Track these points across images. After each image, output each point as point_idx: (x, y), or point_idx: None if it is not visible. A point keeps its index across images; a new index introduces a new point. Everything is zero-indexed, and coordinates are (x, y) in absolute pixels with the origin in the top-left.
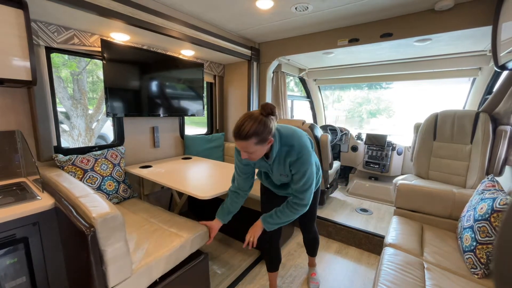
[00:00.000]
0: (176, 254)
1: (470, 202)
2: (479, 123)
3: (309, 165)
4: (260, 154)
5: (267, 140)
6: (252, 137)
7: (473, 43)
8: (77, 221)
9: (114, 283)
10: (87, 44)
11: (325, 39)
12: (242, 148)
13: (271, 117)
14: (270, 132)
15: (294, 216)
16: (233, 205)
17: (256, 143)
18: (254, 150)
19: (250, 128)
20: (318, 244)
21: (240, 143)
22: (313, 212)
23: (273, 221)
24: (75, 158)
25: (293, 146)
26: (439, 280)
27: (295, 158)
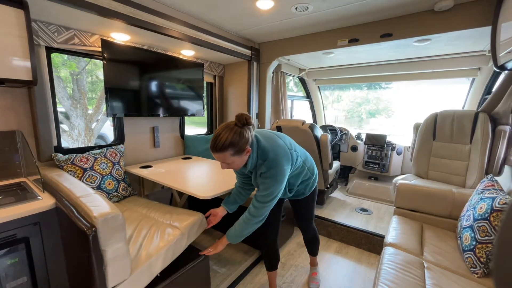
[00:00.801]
0: (174, 246)
1: (470, 201)
2: (478, 123)
3: (275, 182)
4: (239, 164)
5: (244, 151)
6: (228, 149)
7: (472, 43)
8: (78, 221)
9: (114, 283)
10: (87, 44)
11: (325, 39)
12: (220, 160)
13: (247, 127)
14: (247, 142)
15: (247, 225)
16: (239, 196)
17: (232, 154)
18: (232, 161)
19: (225, 140)
20: (319, 243)
21: (217, 155)
22: (309, 212)
23: (233, 234)
24: (74, 157)
25: (266, 160)
26: (439, 280)
27: (264, 171)
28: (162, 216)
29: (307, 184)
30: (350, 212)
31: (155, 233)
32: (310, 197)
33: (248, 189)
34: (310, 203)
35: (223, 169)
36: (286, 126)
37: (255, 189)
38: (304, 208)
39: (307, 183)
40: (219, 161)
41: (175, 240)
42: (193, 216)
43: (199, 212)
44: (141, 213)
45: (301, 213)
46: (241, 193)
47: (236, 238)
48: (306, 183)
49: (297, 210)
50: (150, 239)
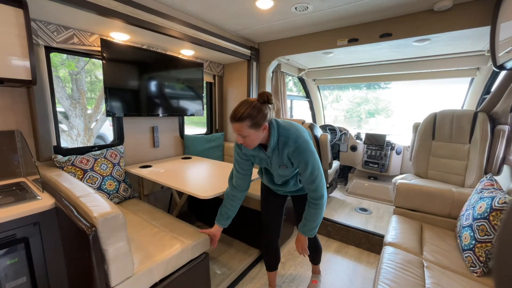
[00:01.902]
0: (177, 258)
1: (469, 201)
2: (477, 122)
3: (310, 153)
4: (254, 140)
5: (261, 126)
6: (246, 120)
7: (471, 43)
8: (78, 221)
9: (116, 282)
10: (86, 44)
11: (325, 39)
12: (237, 131)
13: (267, 105)
14: (265, 118)
15: (320, 211)
16: (231, 209)
17: (249, 126)
18: (248, 133)
19: (244, 111)
20: (321, 252)
21: (235, 125)
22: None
23: (308, 227)
24: (74, 158)
25: (289, 137)
26: (438, 279)
27: (293, 148)
28: (167, 226)
29: None
30: (349, 211)
31: (159, 241)
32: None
33: (242, 192)
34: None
35: (239, 143)
36: None
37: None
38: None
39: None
40: (236, 132)
41: (178, 253)
42: (200, 235)
43: (205, 233)
44: (144, 218)
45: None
46: (232, 204)
47: (314, 230)
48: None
49: (299, 209)
50: (154, 246)
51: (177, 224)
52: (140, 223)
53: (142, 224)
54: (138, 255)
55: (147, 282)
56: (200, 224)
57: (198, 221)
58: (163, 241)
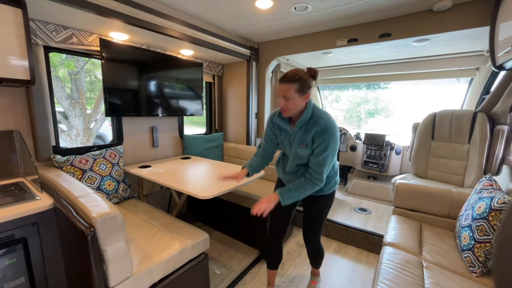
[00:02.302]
0: (177, 258)
1: (468, 201)
2: (476, 122)
3: (334, 140)
4: (295, 105)
5: (305, 93)
6: (295, 83)
7: (471, 43)
8: (76, 221)
9: (115, 282)
10: (85, 44)
11: (324, 39)
12: (283, 92)
13: (313, 79)
14: (309, 87)
15: (308, 188)
16: (255, 162)
17: (296, 90)
18: (292, 97)
19: (296, 74)
20: (322, 258)
21: (283, 86)
22: (319, 217)
23: (288, 194)
24: (73, 158)
25: (322, 118)
26: (437, 279)
27: (321, 128)
28: (167, 227)
29: (329, 182)
30: (349, 211)
31: (159, 241)
32: (326, 199)
33: (267, 159)
34: (324, 206)
35: (281, 106)
36: None
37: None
38: (316, 210)
39: (329, 179)
40: (282, 94)
41: (178, 253)
42: (200, 234)
43: (205, 233)
44: (144, 218)
45: (310, 214)
46: (259, 160)
47: (290, 199)
48: (328, 180)
49: (308, 211)
50: (153, 246)
51: (177, 224)
52: (140, 223)
53: (142, 224)
54: (137, 255)
55: (146, 283)
56: (199, 224)
57: (198, 221)
58: (162, 241)
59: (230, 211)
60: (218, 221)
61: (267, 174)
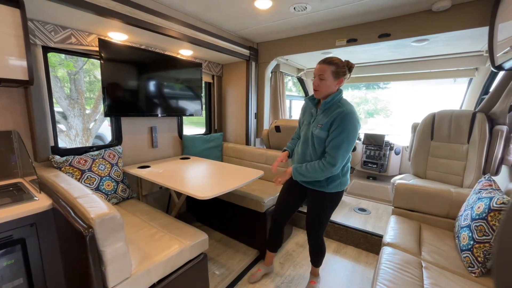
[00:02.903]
0: (175, 259)
1: (468, 201)
2: (476, 123)
3: (352, 127)
4: (329, 86)
5: (339, 77)
6: (333, 65)
7: (470, 43)
8: (75, 222)
9: (114, 283)
10: (84, 44)
11: (324, 39)
12: (320, 71)
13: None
14: (344, 74)
15: (320, 172)
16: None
17: (332, 72)
18: (327, 77)
19: (334, 59)
20: (323, 257)
21: (322, 66)
22: (321, 214)
23: (302, 171)
24: (72, 159)
25: (345, 106)
26: (437, 279)
27: (341, 113)
28: (166, 227)
29: (333, 180)
30: (348, 212)
31: (158, 242)
32: (328, 198)
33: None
34: (325, 204)
35: (315, 84)
36: (284, 126)
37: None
38: (317, 206)
39: (333, 177)
40: (318, 73)
41: (177, 253)
42: (200, 235)
43: (204, 233)
44: (143, 219)
45: (312, 210)
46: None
47: (301, 176)
48: (332, 178)
49: (309, 206)
50: (152, 247)
51: (176, 225)
52: (139, 223)
53: (141, 224)
54: (136, 256)
55: (145, 283)
56: (199, 225)
57: (197, 222)
58: (161, 242)
59: (230, 211)
60: (217, 221)
61: (266, 174)
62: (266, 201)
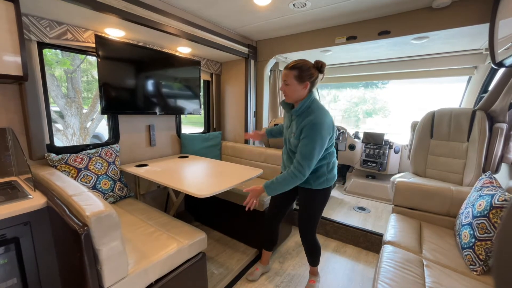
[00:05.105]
0: (173, 258)
1: (468, 199)
2: (475, 121)
3: (315, 136)
4: (293, 91)
5: (303, 81)
6: (294, 70)
7: (469, 41)
8: (70, 220)
9: (110, 283)
10: (81, 40)
11: (323, 37)
12: (284, 77)
13: (318, 71)
14: (309, 77)
15: (291, 180)
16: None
17: (295, 76)
18: (291, 83)
19: (297, 63)
20: (316, 255)
21: (284, 71)
22: (310, 211)
23: (273, 187)
24: (68, 157)
25: (314, 113)
26: (438, 277)
27: (307, 122)
28: (164, 226)
29: (318, 177)
30: (348, 210)
31: (155, 241)
32: (316, 193)
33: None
34: (313, 201)
35: (281, 90)
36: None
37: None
38: (307, 203)
39: (318, 175)
40: (283, 78)
41: (174, 252)
42: (198, 233)
43: (203, 232)
44: (140, 218)
45: (302, 207)
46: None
47: (274, 191)
48: (317, 175)
49: (300, 204)
50: (150, 246)
51: (174, 224)
52: (136, 222)
53: (138, 223)
54: (133, 255)
55: (142, 283)
56: (197, 224)
57: (196, 221)
58: (159, 241)
59: (228, 210)
60: (216, 220)
61: (265, 173)
62: (266, 200)
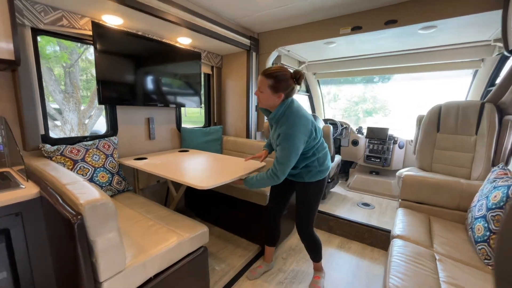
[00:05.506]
0: (173, 252)
1: (481, 191)
2: (484, 113)
3: (288, 144)
4: (267, 99)
5: (278, 92)
6: (270, 79)
7: (477, 31)
8: (62, 209)
9: (106, 276)
10: (77, 27)
11: (327, 28)
12: (259, 83)
13: (295, 83)
14: (285, 89)
15: (267, 181)
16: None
17: (269, 86)
18: (264, 90)
19: (274, 72)
20: (317, 250)
21: (260, 78)
22: (305, 205)
23: (251, 182)
24: (63, 148)
25: (287, 122)
26: (452, 272)
27: (280, 131)
28: (163, 220)
29: (309, 171)
30: (351, 206)
31: (154, 234)
32: (310, 186)
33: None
34: (307, 194)
35: (255, 94)
36: None
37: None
38: (302, 196)
39: (309, 169)
40: (258, 84)
41: (175, 246)
42: (199, 227)
43: (204, 225)
44: (139, 211)
45: (299, 200)
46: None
47: (252, 186)
48: (309, 169)
49: (296, 197)
50: (149, 239)
51: (174, 217)
52: (134, 216)
53: (136, 217)
54: (131, 249)
55: (141, 277)
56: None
57: (196, 217)
58: (158, 234)
59: (230, 205)
60: (217, 216)
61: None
62: (269, 194)
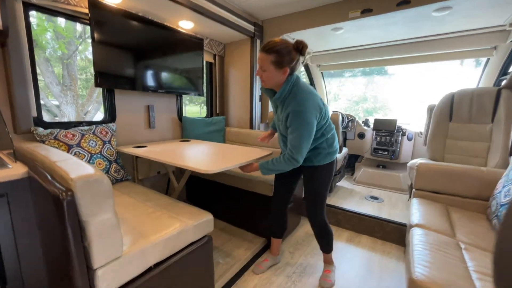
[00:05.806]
0: (175, 239)
1: (507, 176)
2: (501, 100)
3: (299, 123)
4: (271, 77)
5: (282, 67)
6: (273, 54)
7: (493, 13)
8: (51, 186)
9: (100, 263)
10: (72, 3)
11: (335, 11)
12: (260, 61)
13: (298, 53)
14: (290, 62)
15: (286, 166)
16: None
17: (272, 62)
18: (268, 68)
19: (275, 46)
20: (328, 238)
21: (261, 55)
22: (315, 190)
23: (268, 167)
24: (57, 132)
25: (296, 98)
26: (481, 261)
27: (290, 110)
28: (165, 207)
29: (319, 153)
30: (359, 200)
31: (155, 220)
32: (319, 169)
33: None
34: (319, 177)
35: (257, 75)
36: None
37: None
38: (311, 180)
39: (319, 151)
40: (258, 63)
41: (177, 233)
42: (204, 214)
43: (209, 213)
44: (138, 199)
45: (308, 186)
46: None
47: (268, 171)
48: (318, 152)
49: (305, 183)
50: (149, 225)
51: (176, 204)
52: (133, 203)
53: (135, 204)
54: (130, 236)
55: (140, 266)
56: None
57: None
58: (159, 220)
59: (234, 196)
60: (221, 208)
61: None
62: None
